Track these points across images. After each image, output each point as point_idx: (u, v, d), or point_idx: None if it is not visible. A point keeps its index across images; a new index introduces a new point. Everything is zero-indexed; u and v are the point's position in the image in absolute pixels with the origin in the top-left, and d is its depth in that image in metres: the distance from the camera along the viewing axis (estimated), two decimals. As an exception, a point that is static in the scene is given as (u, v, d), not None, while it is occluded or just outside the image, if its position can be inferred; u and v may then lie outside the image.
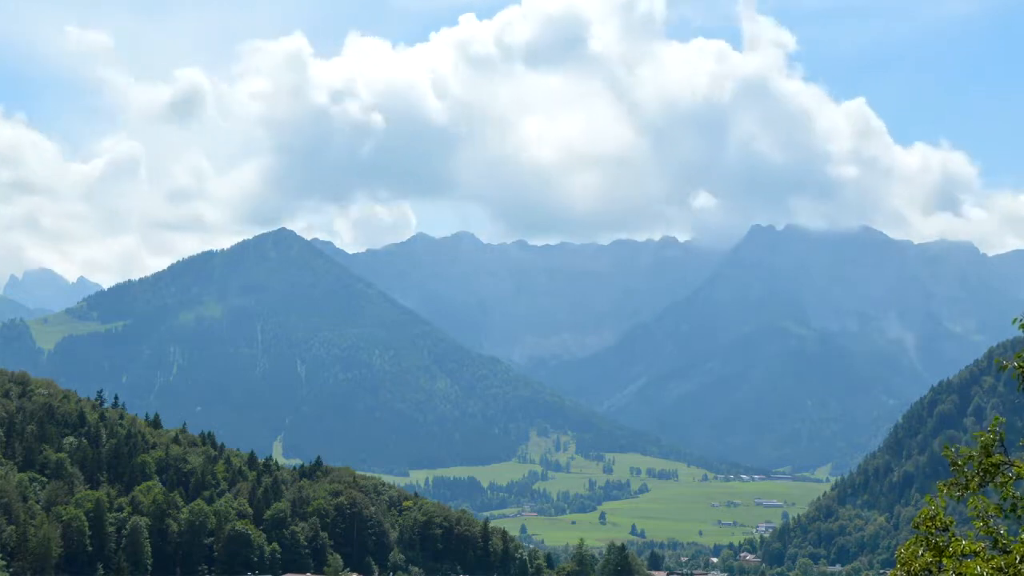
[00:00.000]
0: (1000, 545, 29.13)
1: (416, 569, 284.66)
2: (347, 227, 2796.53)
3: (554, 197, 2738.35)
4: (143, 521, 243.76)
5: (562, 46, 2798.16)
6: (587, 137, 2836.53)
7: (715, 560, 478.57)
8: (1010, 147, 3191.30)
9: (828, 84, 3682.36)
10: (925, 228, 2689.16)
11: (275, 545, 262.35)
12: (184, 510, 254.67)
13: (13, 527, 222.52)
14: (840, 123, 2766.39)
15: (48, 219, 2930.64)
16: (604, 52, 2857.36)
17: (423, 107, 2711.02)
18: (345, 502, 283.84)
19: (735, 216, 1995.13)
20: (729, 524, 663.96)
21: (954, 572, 28.28)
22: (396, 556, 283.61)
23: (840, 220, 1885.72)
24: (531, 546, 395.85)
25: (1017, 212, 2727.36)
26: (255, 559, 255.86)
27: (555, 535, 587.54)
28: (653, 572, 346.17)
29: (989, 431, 29.93)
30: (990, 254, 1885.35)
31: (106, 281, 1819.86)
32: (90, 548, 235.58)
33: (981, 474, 29.55)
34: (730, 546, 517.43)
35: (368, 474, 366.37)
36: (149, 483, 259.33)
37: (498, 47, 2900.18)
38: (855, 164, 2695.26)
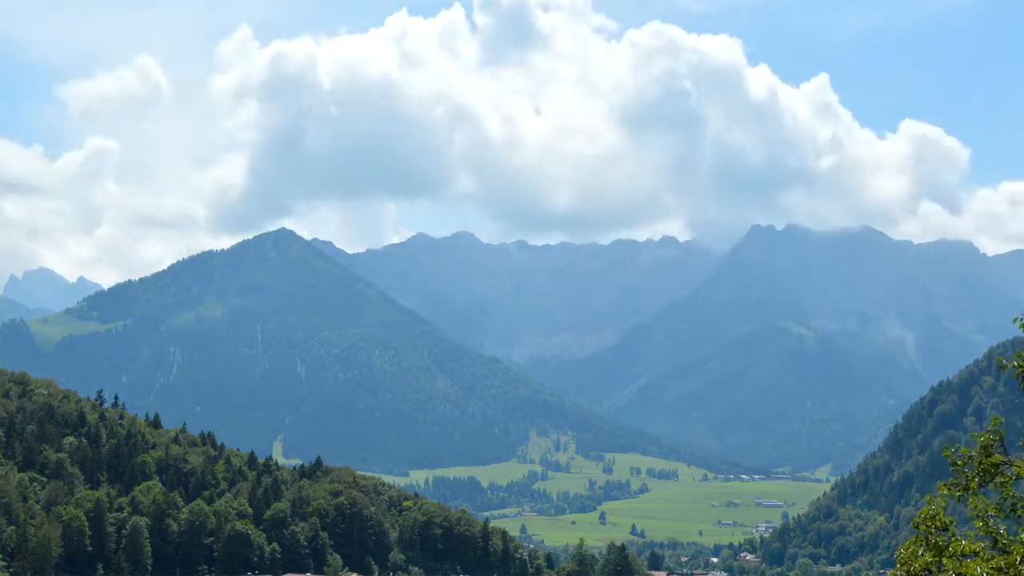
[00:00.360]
0: (1000, 545, 29.13)
1: (416, 569, 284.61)
2: (339, 226, 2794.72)
3: (546, 197, 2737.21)
4: (143, 521, 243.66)
5: (519, 40, 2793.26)
6: (566, 134, 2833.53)
7: (715, 560, 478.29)
8: (1009, 144, 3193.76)
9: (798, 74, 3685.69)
10: (917, 225, 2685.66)
11: (275, 545, 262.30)
12: (184, 510, 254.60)
13: (13, 527, 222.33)
14: (833, 116, 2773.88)
15: (45, 219, 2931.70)
16: (561, 43, 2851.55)
17: (420, 106, 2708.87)
18: (345, 502, 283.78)
19: (732, 210, 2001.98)
20: (729, 524, 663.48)
21: (954, 572, 28.28)
22: (396, 556, 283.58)
23: (839, 218, 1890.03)
24: (531, 546, 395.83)
25: (1016, 211, 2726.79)
26: (255, 559, 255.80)
27: (555, 535, 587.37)
28: (653, 572, 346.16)
29: (989, 431, 29.95)
30: (990, 254, 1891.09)
31: (106, 281, 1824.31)
32: (90, 548, 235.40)
33: (981, 474, 29.56)
34: (730, 546, 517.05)
35: (368, 474, 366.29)
36: (149, 483, 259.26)
37: (442, 44, 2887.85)
38: (846, 156, 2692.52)
